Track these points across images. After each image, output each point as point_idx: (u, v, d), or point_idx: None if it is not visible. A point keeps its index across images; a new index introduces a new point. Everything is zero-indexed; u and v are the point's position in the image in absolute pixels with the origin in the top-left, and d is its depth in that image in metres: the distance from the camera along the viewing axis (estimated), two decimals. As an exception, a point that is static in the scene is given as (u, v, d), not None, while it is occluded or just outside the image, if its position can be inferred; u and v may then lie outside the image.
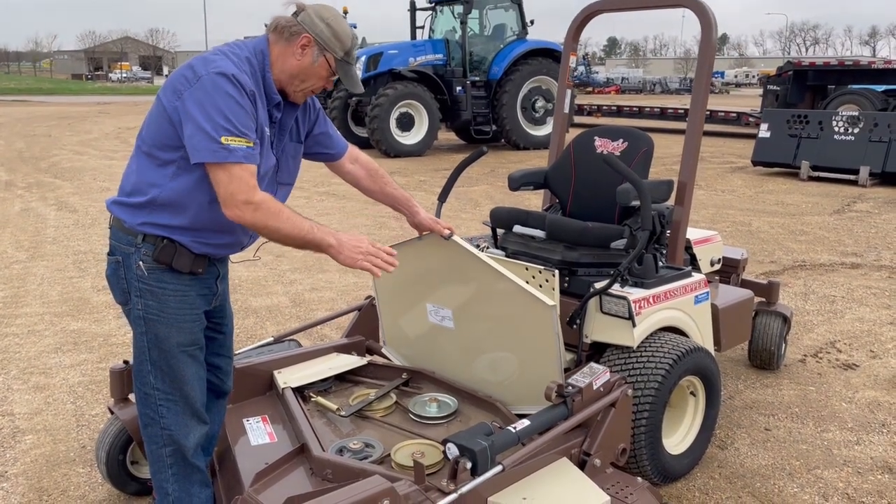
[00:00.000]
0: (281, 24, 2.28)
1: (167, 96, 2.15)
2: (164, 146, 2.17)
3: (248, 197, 2.09)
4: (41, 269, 6.41)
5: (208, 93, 2.07)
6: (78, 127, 21.22)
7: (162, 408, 2.29)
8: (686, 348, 2.95)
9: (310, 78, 2.32)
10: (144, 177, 2.21)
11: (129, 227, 2.23)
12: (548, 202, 3.98)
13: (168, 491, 2.35)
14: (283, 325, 4.96)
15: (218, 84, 2.08)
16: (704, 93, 3.38)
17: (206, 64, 2.12)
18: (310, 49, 2.27)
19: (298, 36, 2.26)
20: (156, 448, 2.33)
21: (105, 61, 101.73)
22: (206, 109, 2.06)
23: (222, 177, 2.07)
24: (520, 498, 2.25)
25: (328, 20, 2.28)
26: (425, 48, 14.55)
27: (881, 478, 3.14)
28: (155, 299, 2.23)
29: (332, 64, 2.31)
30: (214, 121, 2.05)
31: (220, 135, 2.05)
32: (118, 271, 2.27)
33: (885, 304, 5.46)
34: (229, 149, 2.06)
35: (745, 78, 72.33)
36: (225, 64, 2.12)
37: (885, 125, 10.92)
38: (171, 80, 2.18)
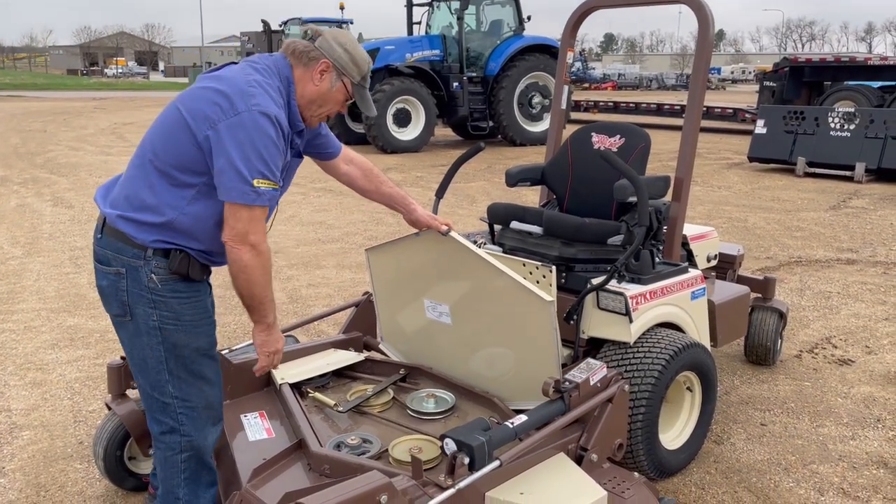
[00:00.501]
0: (298, 48, 2.30)
1: (197, 122, 2.11)
2: (186, 169, 2.15)
3: (258, 241, 2.15)
4: (37, 265, 6.40)
5: (248, 132, 2.07)
6: (73, 122, 21.15)
7: (182, 416, 2.28)
8: (682, 344, 2.96)
9: (327, 103, 2.36)
10: (162, 198, 2.17)
11: (138, 242, 2.18)
12: (545, 198, 3.98)
13: (179, 496, 2.34)
14: (281, 320, 4.92)
15: (259, 125, 2.08)
16: (701, 89, 3.39)
17: (244, 98, 2.10)
18: (328, 74, 2.31)
19: (317, 61, 2.29)
20: (172, 454, 2.31)
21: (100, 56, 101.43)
22: (244, 149, 2.07)
23: (243, 214, 2.11)
24: (517, 493, 2.25)
25: (346, 45, 2.33)
26: (422, 44, 14.53)
27: (876, 472, 3.16)
28: (170, 309, 2.21)
29: (350, 88, 2.37)
30: (250, 162, 2.07)
31: (253, 177, 2.07)
32: (117, 284, 2.22)
33: (881, 300, 5.48)
34: (259, 192, 2.09)
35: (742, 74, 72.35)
36: (265, 102, 2.13)
37: (881, 121, 10.94)
38: (201, 104, 2.13)
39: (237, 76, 2.18)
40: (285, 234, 7.52)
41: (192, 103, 2.16)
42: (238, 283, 2.21)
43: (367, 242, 7.06)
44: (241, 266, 2.16)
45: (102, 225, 2.26)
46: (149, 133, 2.27)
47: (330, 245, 7.11)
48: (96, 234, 2.29)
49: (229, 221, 2.13)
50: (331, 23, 19.89)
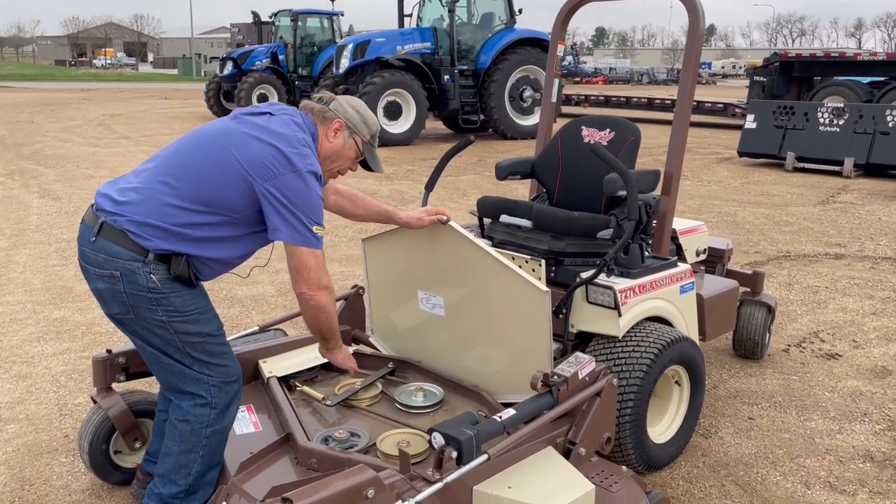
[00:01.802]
0: (315, 108, 2.53)
1: (255, 174, 2.26)
2: (222, 207, 2.29)
3: (328, 282, 2.43)
4: (23, 256, 6.34)
5: (305, 188, 2.30)
6: (61, 113, 20.99)
7: (215, 388, 2.39)
8: (671, 338, 2.97)
9: (339, 159, 2.57)
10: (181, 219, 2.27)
11: (142, 245, 2.24)
12: (535, 192, 3.97)
13: (192, 470, 2.40)
14: (269, 314, 4.94)
15: (313, 183, 2.33)
16: (692, 83, 3.38)
17: (300, 157, 2.31)
18: (341, 132, 2.54)
19: (331, 120, 2.52)
20: (199, 428, 2.38)
21: (89, 47, 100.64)
22: (302, 202, 2.29)
23: (311, 260, 2.35)
24: (505, 486, 2.25)
25: (357, 108, 2.58)
26: (413, 36, 14.47)
27: (863, 466, 3.18)
28: (172, 304, 2.29)
29: (360, 146, 2.59)
30: (308, 214, 2.31)
31: (312, 224, 2.32)
32: (115, 286, 2.27)
33: (868, 295, 5.51)
34: (318, 237, 2.35)
35: (732, 69, 72.60)
36: (314, 162, 2.37)
37: (870, 117, 10.99)
38: (259, 157, 2.27)
39: (288, 133, 2.35)
40: (274, 226, 7.47)
41: (248, 154, 2.28)
42: (318, 323, 2.52)
43: (357, 235, 7.04)
44: (320, 308, 2.45)
45: (99, 228, 2.28)
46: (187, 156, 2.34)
47: (319, 238, 7.07)
48: (88, 237, 2.31)
49: (300, 272, 2.35)
50: (322, 14, 19.79)
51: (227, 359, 2.44)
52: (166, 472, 2.41)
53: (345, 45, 14.33)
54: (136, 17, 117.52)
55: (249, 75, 18.18)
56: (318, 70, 18.39)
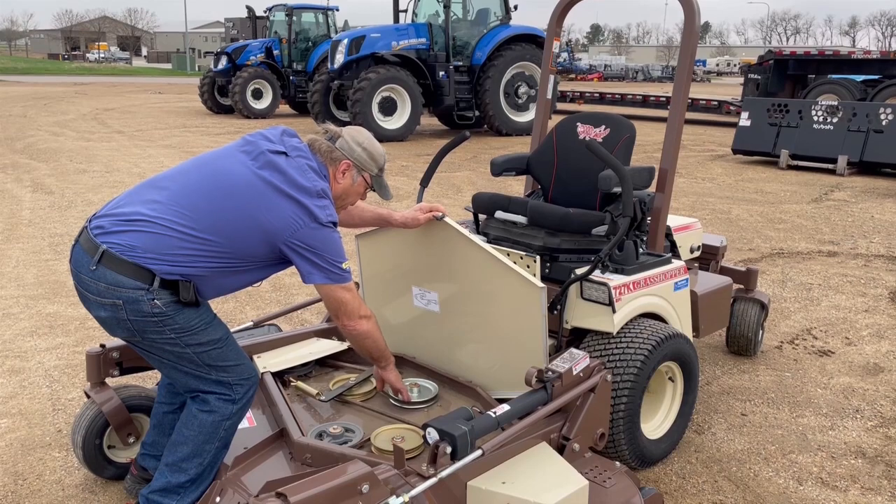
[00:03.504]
0: (323, 149, 2.51)
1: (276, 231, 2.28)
2: (245, 256, 2.33)
3: (366, 311, 2.53)
4: (16, 251, 6.31)
5: (328, 238, 2.37)
6: (54, 107, 20.89)
7: (237, 386, 2.43)
8: (665, 334, 2.97)
9: (350, 196, 2.62)
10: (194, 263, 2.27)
11: (149, 270, 2.22)
12: (530, 188, 3.97)
13: (203, 460, 2.42)
14: (263, 309, 4.93)
15: (334, 231, 2.41)
16: (687, 81, 3.39)
17: (322, 210, 2.36)
18: (349, 172, 2.55)
19: (339, 162, 2.52)
20: (220, 420, 2.40)
21: (82, 41, 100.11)
22: (327, 248, 2.36)
23: (345, 296, 2.42)
24: (499, 482, 2.26)
25: (363, 144, 2.56)
26: (408, 32, 14.44)
27: (854, 462, 3.20)
28: (177, 323, 2.30)
29: (369, 181, 2.62)
30: (336, 256, 2.38)
31: (341, 262, 2.39)
32: (118, 314, 2.25)
33: (861, 292, 5.53)
34: (347, 271, 2.42)
35: (727, 66, 72.68)
36: (334, 213, 2.42)
37: (864, 115, 11.03)
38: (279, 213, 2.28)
39: (308, 186, 2.35)
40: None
41: (273, 213, 2.28)
42: (366, 349, 2.65)
43: (350, 231, 7.02)
44: (364, 336, 2.56)
45: (100, 257, 2.22)
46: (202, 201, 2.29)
47: (314, 233, 7.06)
48: (88, 265, 2.24)
49: (339, 308, 2.44)
50: (316, 9, 19.74)
51: (241, 358, 2.48)
52: (177, 460, 2.41)
53: (340, 40, 14.29)
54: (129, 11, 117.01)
55: (244, 70, 18.13)
56: (312, 65, 18.34)
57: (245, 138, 2.46)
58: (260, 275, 2.46)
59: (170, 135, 15.00)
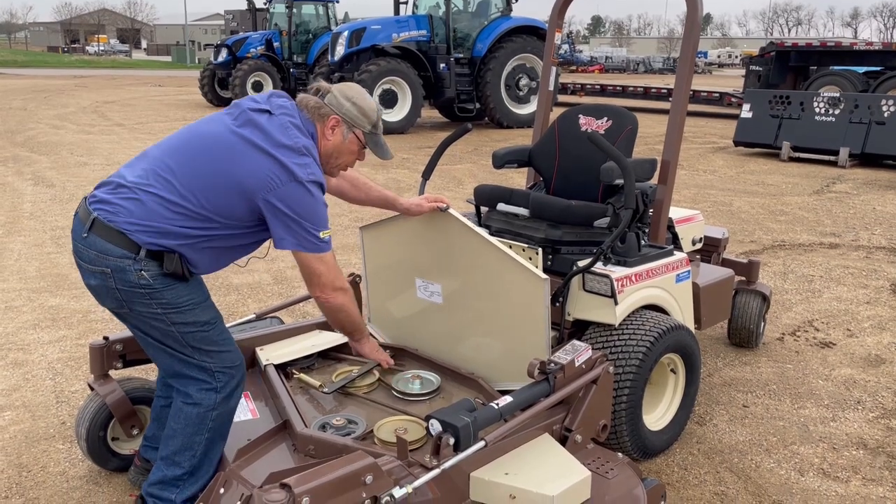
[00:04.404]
0: (311, 105, 2.44)
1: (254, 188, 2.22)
2: (225, 216, 2.28)
3: (342, 284, 2.44)
4: (18, 244, 6.32)
5: (308, 198, 2.28)
6: (54, 100, 20.86)
7: (219, 374, 2.41)
8: (667, 326, 2.98)
9: (342, 155, 2.52)
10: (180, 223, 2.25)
11: (133, 241, 2.23)
12: (532, 180, 3.97)
13: (196, 452, 2.41)
14: (265, 302, 4.94)
15: (315, 192, 2.30)
16: (689, 72, 3.38)
17: (303, 168, 2.27)
18: (339, 128, 2.46)
19: (327, 117, 2.44)
20: (205, 411, 2.39)
21: (82, 33, 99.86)
22: (307, 211, 2.28)
23: (319, 267, 2.35)
24: (502, 473, 2.26)
25: (353, 98, 2.46)
26: (409, 24, 14.40)
27: (856, 453, 3.20)
28: (166, 298, 2.29)
29: (362, 138, 2.52)
30: (314, 221, 2.30)
31: (318, 231, 2.30)
32: (106, 283, 2.27)
33: (862, 284, 5.54)
34: (325, 241, 2.34)
35: (728, 58, 72.49)
36: (317, 170, 2.33)
37: (866, 106, 11.00)
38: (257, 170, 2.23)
39: (289, 142, 2.29)
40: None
41: (248, 168, 2.24)
42: (339, 322, 2.59)
43: (353, 224, 7.03)
44: (338, 309, 2.49)
45: (91, 224, 2.26)
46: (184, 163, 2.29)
47: (315, 226, 7.06)
48: (81, 233, 2.29)
49: (312, 276, 2.36)
50: (317, 1, 19.67)
51: (227, 344, 2.45)
52: (170, 454, 2.42)
53: (340, 32, 14.25)
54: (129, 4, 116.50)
55: (244, 63, 18.09)
56: (313, 57, 18.29)
57: (233, 102, 2.46)
58: (246, 241, 2.41)
59: (170, 127, 14.98)
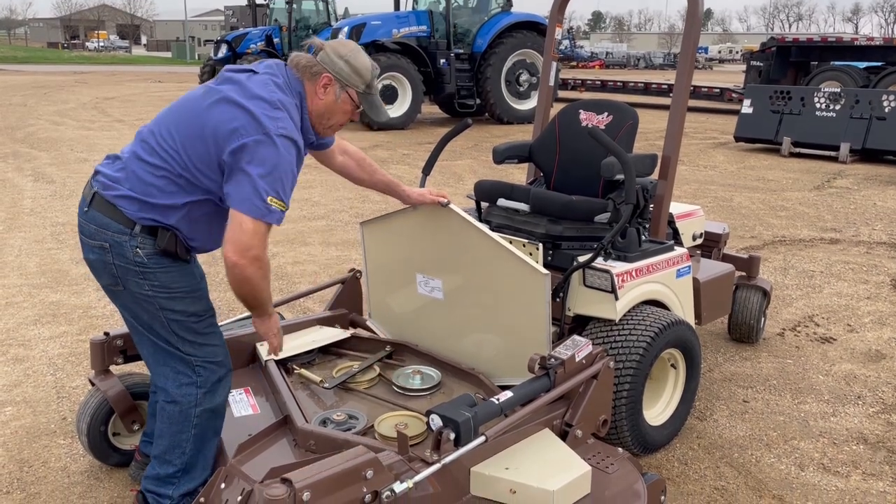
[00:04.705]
0: (302, 62, 2.36)
1: (221, 138, 2.15)
2: (200, 172, 2.21)
3: (260, 254, 2.19)
4: (18, 240, 6.32)
5: (272, 153, 2.14)
6: (55, 96, 20.84)
7: (200, 369, 2.37)
8: (667, 321, 2.98)
9: (335, 114, 2.42)
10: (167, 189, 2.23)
11: (129, 217, 2.23)
12: (532, 176, 3.97)
13: (185, 449, 2.40)
14: (266, 297, 4.93)
15: (282, 149, 2.16)
16: (689, 68, 3.37)
17: (272, 121, 2.16)
18: (331, 87, 2.36)
19: (319, 76, 2.34)
20: (188, 408, 2.37)
21: (82, 30, 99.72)
22: (265, 167, 2.13)
23: (249, 227, 2.14)
24: (502, 468, 2.27)
25: (346, 57, 2.36)
26: (409, 20, 14.38)
27: (856, 448, 3.21)
28: (158, 280, 2.27)
29: (355, 98, 2.41)
30: (268, 181, 2.13)
31: (268, 195, 2.13)
32: (104, 257, 2.27)
33: (863, 279, 5.53)
34: (270, 209, 2.15)
35: (729, 54, 72.32)
36: (290, 125, 2.21)
37: (867, 102, 10.98)
38: (227, 120, 2.16)
39: (262, 93, 2.21)
40: (270, 210, 7.46)
41: (216, 119, 2.19)
42: (241, 293, 2.26)
43: (353, 220, 7.03)
44: (243, 279, 2.20)
45: (91, 198, 2.29)
46: (164, 124, 2.28)
47: (315, 222, 7.07)
48: (82, 207, 2.33)
49: (234, 233, 2.15)
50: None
51: (213, 339, 2.41)
52: (161, 453, 2.42)
53: (340, 28, 14.24)
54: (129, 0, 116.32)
55: (244, 59, 18.07)
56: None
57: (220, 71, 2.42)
58: None
59: (170, 123, 14.94)
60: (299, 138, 2.25)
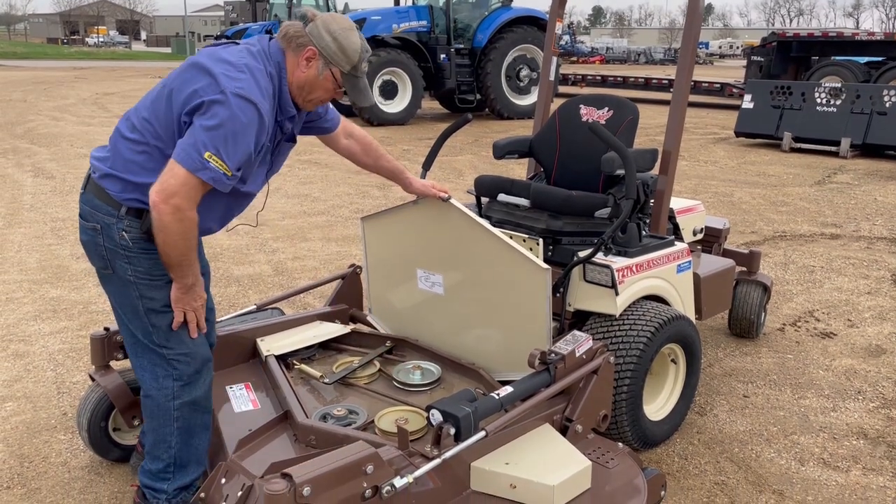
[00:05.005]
0: (290, 33, 2.28)
1: (180, 99, 2.12)
2: (170, 140, 2.17)
3: (183, 206, 2.08)
4: (18, 236, 6.32)
5: (224, 112, 2.06)
6: (54, 92, 20.81)
7: (175, 362, 2.33)
8: (668, 317, 2.98)
9: (315, 90, 2.33)
10: (146, 164, 2.20)
11: (114, 198, 2.24)
12: (532, 171, 3.96)
13: (171, 444, 2.38)
14: (266, 293, 4.94)
15: (236, 108, 2.07)
16: (690, 63, 3.37)
17: (231, 80, 2.09)
18: (315, 62, 2.27)
19: (304, 48, 2.26)
20: (166, 401, 2.35)
21: (81, 25, 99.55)
22: (213, 123, 2.06)
23: (180, 174, 2.06)
24: (503, 463, 2.27)
25: (335, 33, 2.26)
26: (409, 15, 14.34)
27: (856, 443, 3.21)
28: (142, 265, 2.26)
29: (338, 77, 2.32)
30: (211, 136, 2.06)
31: (206, 150, 2.05)
32: (96, 239, 2.28)
33: (863, 274, 5.53)
34: (206, 165, 2.06)
35: (730, 49, 72.20)
36: (250, 87, 2.11)
37: (867, 97, 10.97)
38: (187, 81, 2.13)
39: (230, 58, 2.17)
40: (270, 206, 7.46)
41: (180, 81, 2.17)
42: (157, 239, 2.16)
43: (354, 215, 7.03)
44: (160, 224, 2.10)
45: (87, 180, 2.32)
46: (145, 100, 2.29)
47: (315, 218, 7.07)
48: (81, 189, 2.36)
49: (164, 176, 2.08)
50: (316, -8, 19.58)
51: (187, 336, 2.35)
52: (150, 448, 2.42)
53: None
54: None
55: (244, 54, 18.00)
56: (313, 48, 18.20)
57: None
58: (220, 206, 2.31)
59: (170, 119, 14.94)
60: (263, 103, 2.14)
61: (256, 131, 2.14)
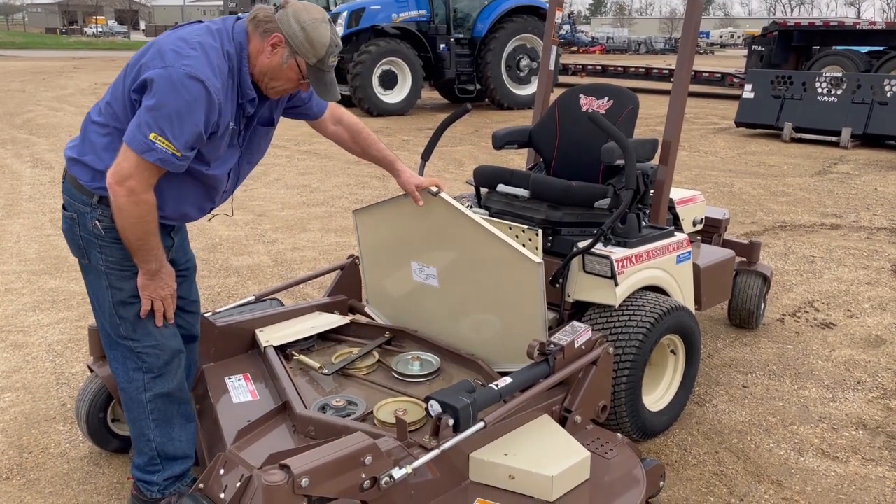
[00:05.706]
0: (258, 17, 2.23)
1: (129, 74, 2.15)
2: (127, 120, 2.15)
3: (137, 188, 2.08)
4: (17, 226, 6.31)
5: (168, 88, 2.02)
6: (53, 82, 20.75)
7: (143, 355, 2.32)
8: (667, 307, 2.97)
9: (278, 78, 2.26)
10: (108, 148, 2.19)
11: (86, 187, 2.24)
12: (532, 161, 3.95)
13: (150, 437, 2.38)
14: (265, 284, 4.93)
15: (179, 84, 2.03)
16: (690, 52, 3.35)
17: (177, 56, 2.05)
18: (280, 49, 2.21)
19: (270, 34, 2.20)
20: (137, 394, 2.34)
21: (80, 15, 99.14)
22: (157, 101, 2.03)
23: (132, 157, 2.05)
24: (501, 454, 2.27)
25: (304, 23, 2.19)
26: (409, 4, 14.25)
27: (855, 433, 3.21)
28: (114, 255, 2.26)
29: (303, 69, 2.25)
30: (155, 115, 2.03)
31: (151, 131, 2.02)
32: (73, 227, 2.30)
33: (863, 265, 5.52)
34: (152, 146, 2.03)
35: (730, 38, 71.94)
36: (198, 64, 2.06)
37: (868, 87, 10.93)
38: (137, 58, 2.16)
39: (183, 34, 2.14)
40: (270, 197, 7.45)
41: (134, 59, 2.19)
42: (116, 222, 2.15)
43: (353, 206, 7.01)
44: (116, 206, 2.11)
45: (65, 172, 2.35)
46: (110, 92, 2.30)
47: (315, 208, 7.06)
48: (62, 179, 2.39)
49: (119, 157, 2.08)
50: (315, -18, 19.50)
51: (155, 329, 2.32)
52: (133, 442, 2.43)
53: (339, 12, 14.11)
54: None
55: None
56: (312, 38, 18.12)
57: None
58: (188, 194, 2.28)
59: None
60: (212, 80, 2.08)
61: (206, 109, 2.08)
